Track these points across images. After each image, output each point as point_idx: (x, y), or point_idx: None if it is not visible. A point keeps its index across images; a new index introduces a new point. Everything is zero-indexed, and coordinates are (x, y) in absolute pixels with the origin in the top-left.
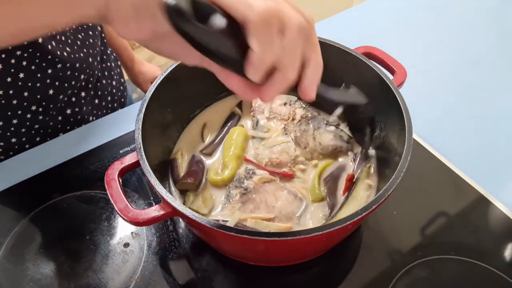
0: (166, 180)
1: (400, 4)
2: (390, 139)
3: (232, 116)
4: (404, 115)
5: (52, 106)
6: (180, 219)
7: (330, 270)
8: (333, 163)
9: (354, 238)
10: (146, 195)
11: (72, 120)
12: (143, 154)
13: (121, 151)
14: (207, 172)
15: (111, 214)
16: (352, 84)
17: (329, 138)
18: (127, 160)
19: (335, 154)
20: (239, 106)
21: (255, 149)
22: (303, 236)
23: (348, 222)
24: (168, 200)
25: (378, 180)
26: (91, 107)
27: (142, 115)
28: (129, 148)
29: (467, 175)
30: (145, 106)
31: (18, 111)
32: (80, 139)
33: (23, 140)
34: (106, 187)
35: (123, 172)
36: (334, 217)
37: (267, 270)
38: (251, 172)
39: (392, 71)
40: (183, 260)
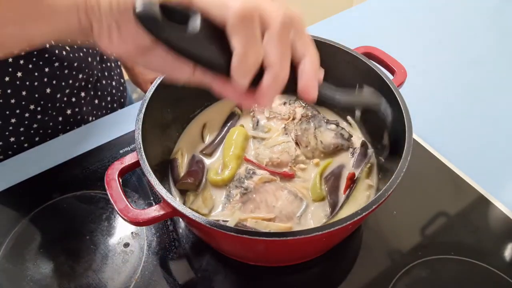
0: (166, 180)
1: (400, 4)
2: (390, 139)
3: (232, 116)
4: (404, 115)
5: (50, 106)
6: (180, 219)
7: (330, 270)
8: (334, 161)
9: (354, 238)
10: (146, 195)
11: (72, 120)
12: (143, 154)
13: (121, 151)
14: (207, 172)
15: (111, 214)
16: (359, 84)
17: (330, 136)
18: (127, 160)
19: (336, 152)
20: (239, 106)
21: (255, 149)
22: (303, 236)
23: (348, 222)
24: (168, 200)
25: (378, 180)
26: (91, 107)
27: (142, 115)
28: (129, 148)
29: (467, 175)
30: (145, 106)
31: (17, 110)
32: (80, 139)
33: (22, 140)
34: (106, 187)
35: (123, 172)
36: (334, 216)
37: (267, 270)
38: (251, 172)
39: (392, 71)
40: (183, 260)
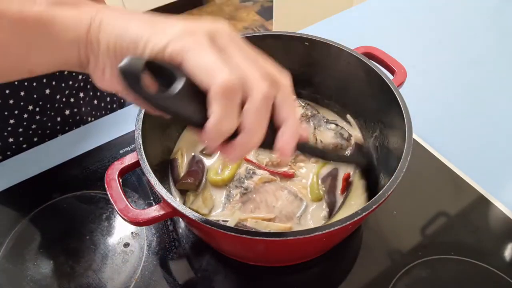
0: (166, 180)
1: (400, 4)
2: (390, 139)
3: None
4: (404, 115)
5: (49, 106)
6: (180, 219)
7: (330, 270)
8: (329, 162)
9: (354, 238)
10: (146, 195)
11: (71, 120)
12: (143, 154)
13: (121, 151)
14: (207, 172)
15: (111, 214)
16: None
17: (330, 136)
18: (127, 160)
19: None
20: None
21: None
22: (303, 236)
23: (348, 222)
24: (168, 200)
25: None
26: (90, 108)
27: (142, 115)
28: (129, 148)
29: (467, 175)
30: None
31: (15, 111)
32: (80, 139)
33: (21, 140)
34: (106, 187)
35: (123, 172)
36: (333, 217)
37: (267, 270)
38: (251, 172)
39: (392, 71)
40: (183, 260)
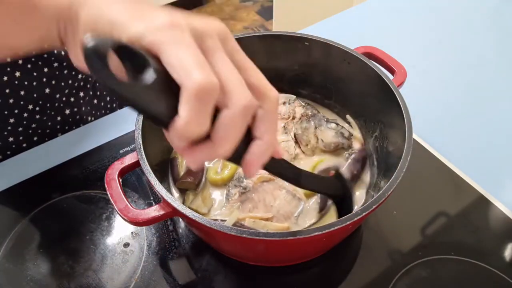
0: (166, 179)
1: (400, 4)
2: (390, 139)
3: None
4: (404, 115)
5: (49, 106)
6: (180, 219)
7: (330, 270)
8: (331, 160)
9: (354, 238)
10: (146, 195)
11: (71, 120)
12: (143, 154)
13: (121, 151)
14: (206, 172)
15: (111, 214)
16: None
17: (331, 135)
18: (127, 160)
19: (336, 151)
20: None
21: None
22: (303, 236)
23: (348, 222)
24: (168, 200)
25: (377, 180)
26: (90, 107)
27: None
28: (129, 148)
29: (467, 175)
30: None
31: (15, 110)
32: (80, 139)
33: (21, 140)
34: (106, 187)
35: (123, 172)
36: (326, 214)
37: (267, 270)
38: None
39: (392, 71)
40: (183, 260)
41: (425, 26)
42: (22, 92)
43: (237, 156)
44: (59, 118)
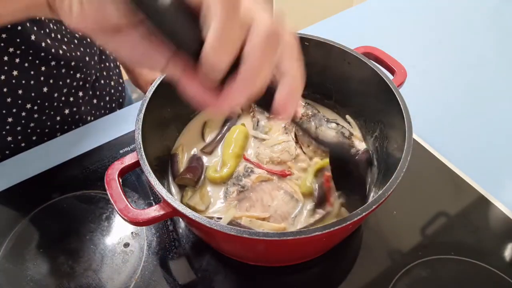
0: (165, 175)
1: (400, 4)
2: (390, 139)
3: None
4: (404, 115)
5: (48, 105)
6: (180, 219)
7: (330, 270)
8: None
9: (354, 238)
10: (146, 195)
11: (70, 120)
12: (143, 154)
13: (121, 151)
14: (206, 169)
15: (111, 214)
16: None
17: (331, 135)
18: (127, 160)
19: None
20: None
21: (256, 148)
22: (303, 236)
23: (348, 222)
24: (168, 200)
25: (377, 180)
26: (89, 107)
27: (142, 115)
28: (129, 148)
29: (467, 175)
30: (145, 106)
31: (13, 109)
32: (80, 139)
33: (19, 139)
34: (106, 187)
35: (123, 172)
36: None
37: (267, 270)
38: (250, 170)
39: (392, 71)
40: (183, 260)
41: (425, 26)
42: (20, 91)
43: (266, 103)
44: (58, 118)
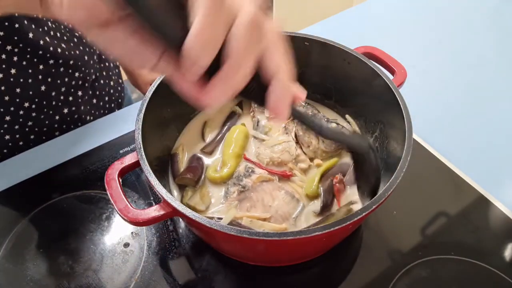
0: (165, 175)
1: (400, 4)
2: (390, 139)
3: (232, 115)
4: (404, 115)
5: (46, 104)
6: (180, 219)
7: (330, 270)
8: (336, 162)
9: (354, 238)
10: (146, 195)
11: (68, 119)
12: (143, 154)
13: (121, 151)
14: (206, 169)
15: (111, 214)
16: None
17: None
18: (127, 160)
19: (338, 151)
20: (240, 105)
21: (256, 148)
22: (303, 236)
23: (348, 222)
24: (168, 200)
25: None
26: (89, 107)
27: (142, 115)
28: (129, 148)
29: (467, 175)
30: (145, 106)
31: (11, 108)
32: (80, 139)
33: (17, 138)
34: (106, 187)
35: (123, 172)
36: (326, 219)
37: (267, 270)
38: (250, 170)
39: (392, 71)
40: (183, 260)
41: (425, 26)
42: (18, 90)
43: (259, 98)
44: (57, 117)
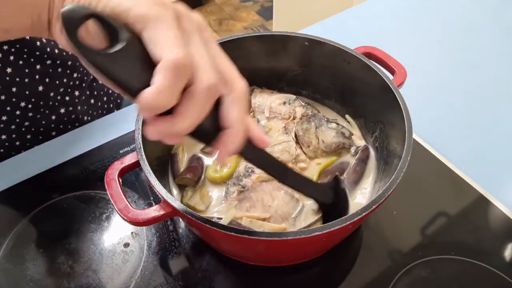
0: (165, 175)
1: (400, 4)
2: (390, 140)
3: None
4: (404, 115)
5: (43, 104)
6: (180, 219)
7: (330, 270)
8: (335, 161)
9: (354, 238)
10: (146, 195)
11: (65, 119)
12: (143, 154)
13: (121, 151)
14: (206, 170)
15: (111, 214)
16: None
17: (331, 135)
18: (127, 160)
19: (338, 151)
20: None
21: None
22: (303, 236)
23: (348, 222)
24: (168, 200)
25: (377, 180)
26: (87, 107)
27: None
28: (129, 148)
29: (467, 175)
30: None
31: (7, 107)
32: (80, 139)
33: (13, 137)
34: (106, 187)
35: (123, 172)
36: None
37: (267, 270)
38: (250, 170)
39: (392, 71)
40: (183, 260)
41: (425, 26)
42: (14, 89)
43: (205, 138)
44: (53, 117)
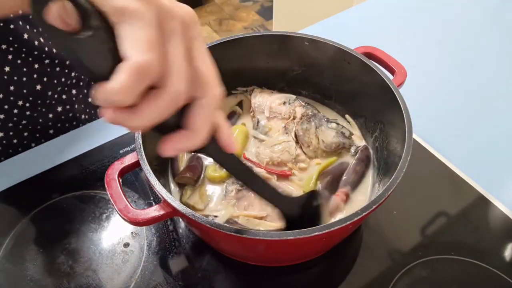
0: (165, 175)
1: (400, 4)
2: (390, 139)
3: (232, 115)
4: (404, 115)
5: (40, 102)
6: (180, 219)
7: (330, 270)
8: (335, 161)
9: (354, 238)
10: (146, 195)
11: (63, 118)
12: (143, 154)
13: (121, 151)
14: (205, 169)
15: (111, 214)
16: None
17: (331, 135)
18: (127, 160)
19: (338, 151)
20: (239, 105)
21: (256, 148)
22: (303, 236)
23: (348, 222)
24: (168, 200)
25: (377, 180)
26: (84, 106)
27: None
28: (129, 148)
29: (467, 175)
30: None
31: (5, 106)
32: (80, 139)
33: (11, 135)
34: (106, 187)
35: (123, 172)
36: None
37: (267, 270)
38: None
39: (392, 71)
40: (183, 260)
41: (425, 26)
42: (12, 88)
43: (160, 131)
44: (50, 116)
